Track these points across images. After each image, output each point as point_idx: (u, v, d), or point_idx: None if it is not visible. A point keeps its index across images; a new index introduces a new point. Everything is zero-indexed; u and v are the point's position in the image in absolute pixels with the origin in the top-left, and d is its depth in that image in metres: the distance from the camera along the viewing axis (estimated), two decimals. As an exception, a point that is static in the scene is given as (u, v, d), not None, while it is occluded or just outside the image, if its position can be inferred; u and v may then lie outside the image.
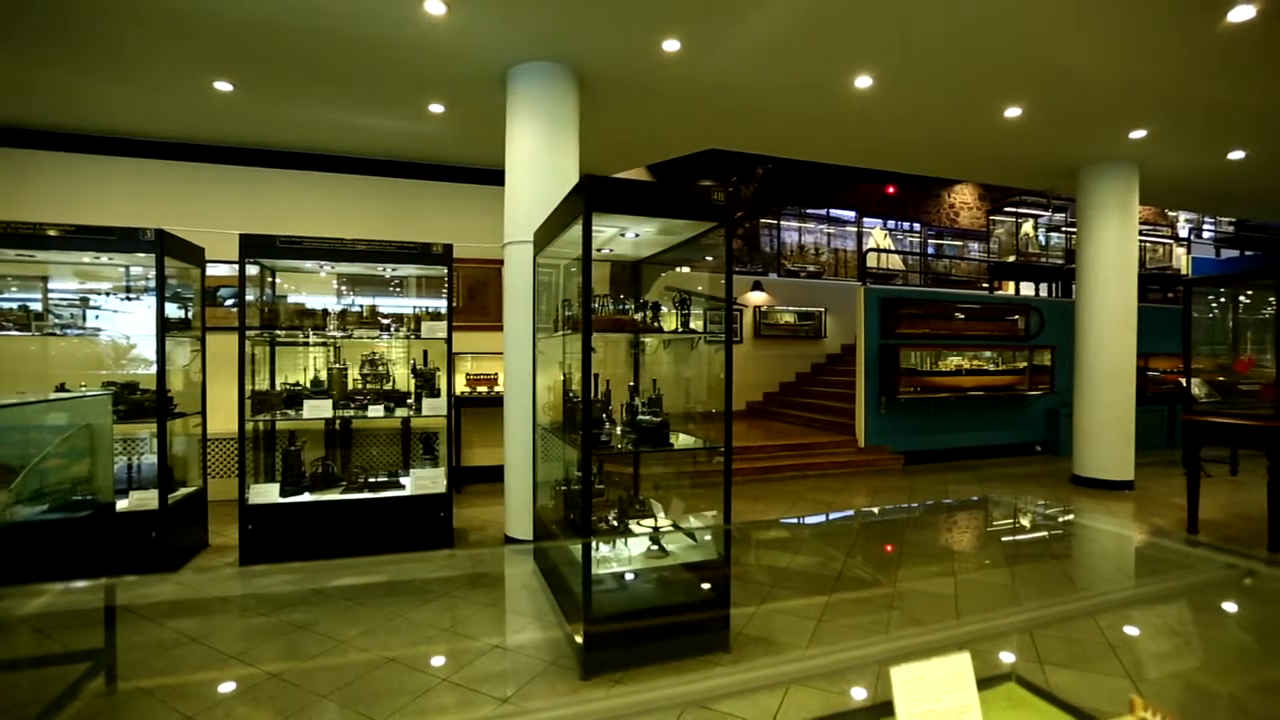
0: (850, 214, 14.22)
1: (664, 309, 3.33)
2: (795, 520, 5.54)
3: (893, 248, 14.30)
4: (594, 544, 2.92)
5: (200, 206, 6.03)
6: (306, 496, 4.20)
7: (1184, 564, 1.48)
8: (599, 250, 3.70)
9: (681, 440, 3.09)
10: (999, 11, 3.95)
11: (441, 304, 4.63)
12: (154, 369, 3.91)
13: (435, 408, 4.38)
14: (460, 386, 6.52)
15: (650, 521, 3.17)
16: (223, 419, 5.26)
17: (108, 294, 4.31)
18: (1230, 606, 1.47)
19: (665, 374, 3.70)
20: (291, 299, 4.88)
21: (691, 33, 4.16)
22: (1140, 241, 10.75)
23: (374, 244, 4.35)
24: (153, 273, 3.89)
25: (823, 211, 13.98)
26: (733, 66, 4.67)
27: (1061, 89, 5.08)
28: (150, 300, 3.95)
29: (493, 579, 3.87)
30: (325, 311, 4.44)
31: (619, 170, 7.60)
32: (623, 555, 2.97)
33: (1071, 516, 4.17)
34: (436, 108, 5.29)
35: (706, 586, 2.92)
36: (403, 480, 4.51)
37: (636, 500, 3.38)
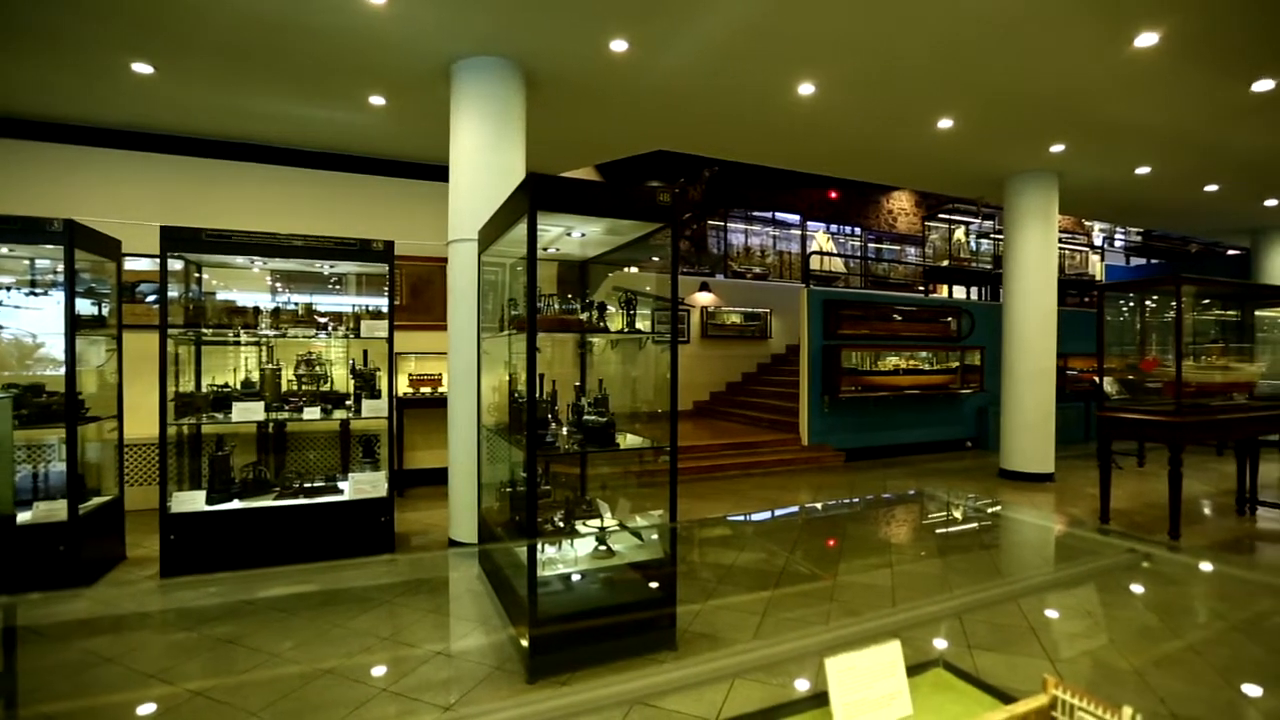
0: (795, 217, 14.57)
1: (611, 309, 3.33)
2: (741, 518, 5.64)
3: (835, 251, 14.74)
4: (540, 545, 2.89)
5: (118, 196, 5.65)
6: (236, 504, 3.99)
7: (1093, 551, 1.59)
8: (545, 249, 3.66)
9: (628, 440, 3.10)
10: (932, 30, 4.13)
11: (383, 302, 4.49)
12: (63, 370, 3.64)
13: (376, 409, 4.25)
14: (403, 387, 6.35)
15: (597, 522, 3.17)
16: (143, 423, 4.95)
17: (9, 289, 3.98)
18: (1133, 588, 1.59)
19: (613, 374, 3.70)
20: (221, 296, 4.64)
21: (639, 34, 4.18)
22: (1060, 249, 11.44)
23: (310, 239, 4.18)
24: (62, 266, 3.62)
25: (768, 214, 14.28)
26: (680, 69, 4.71)
27: (989, 103, 5.36)
28: (59, 295, 3.67)
29: (436, 584, 3.78)
30: (257, 309, 4.24)
31: (567, 169, 7.56)
32: (569, 556, 2.95)
33: (998, 508, 4.40)
34: (377, 100, 5.13)
35: (653, 585, 2.94)
36: (341, 485, 4.35)
37: (583, 501, 3.36)
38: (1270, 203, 8.71)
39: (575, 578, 2.93)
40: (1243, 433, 5.14)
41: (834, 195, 14.87)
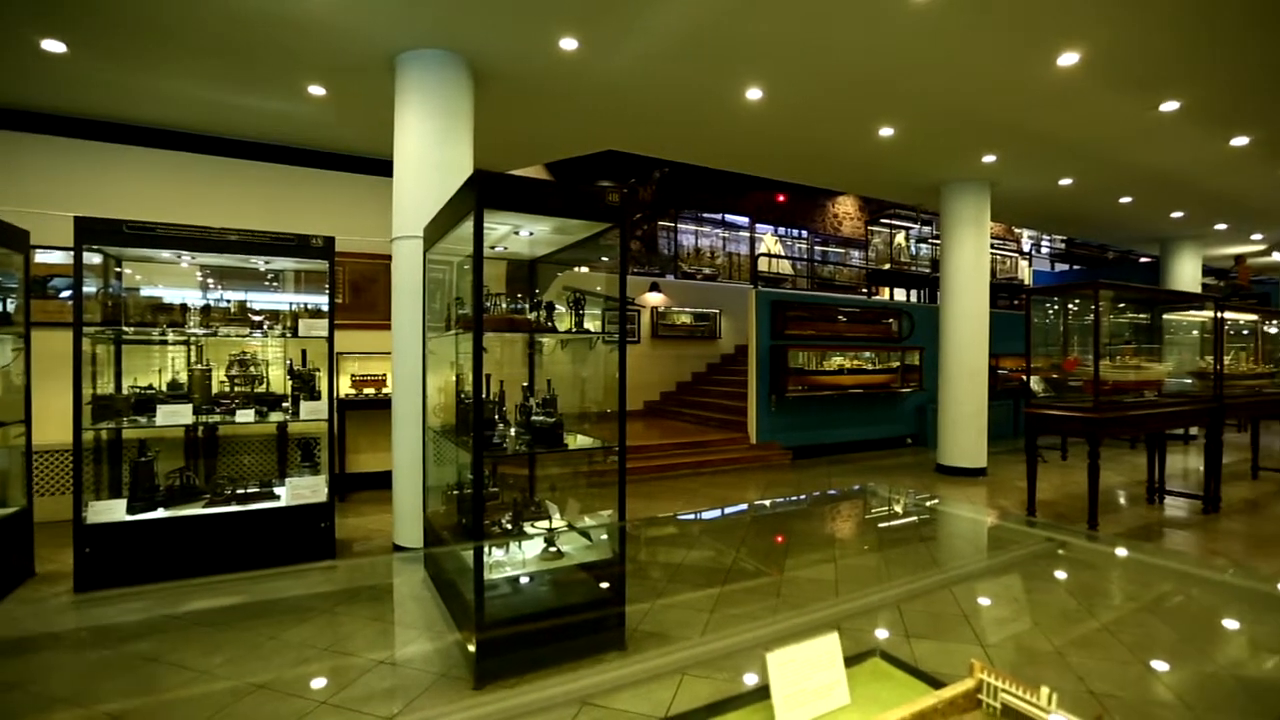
0: (744, 219, 14.82)
1: (560, 309, 3.31)
2: (690, 516, 5.69)
3: (783, 253, 15.06)
4: (487, 548, 2.85)
5: (27, 184, 5.26)
6: (160, 513, 3.77)
7: (1017, 541, 1.68)
8: (492, 248, 3.61)
9: (578, 441, 3.09)
10: (872, 41, 4.27)
11: (323, 300, 4.33)
12: (-37, 371, 3.36)
13: (315, 411, 4.09)
14: (344, 388, 6.14)
15: (545, 523, 3.14)
16: (55, 428, 4.62)
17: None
18: (1054, 574, 1.70)
19: (563, 374, 3.67)
20: (146, 292, 4.37)
21: (589, 33, 4.17)
22: (992, 254, 12.03)
23: (245, 234, 3.99)
24: (-39, 259, 3.35)
25: (718, 216, 14.48)
26: (631, 70, 4.73)
27: (926, 114, 5.58)
28: (-42, 291, 3.39)
29: (379, 591, 3.66)
30: (185, 306, 4.02)
31: (517, 167, 7.47)
32: (517, 558, 2.92)
33: (936, 502, 4.59)
34: (317, 90, 4.94)
35: (602, 586, 2.94)
36: (278, 490, 4.17)
37: (532, 502, 3.33)
38: (1176, 214, 9.39)
39: (523, 580, 2.90)
40: (1153, 427, 5.53)
41: (782, 199, 15.20)
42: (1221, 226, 10.18)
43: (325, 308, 4.19)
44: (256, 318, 4.16)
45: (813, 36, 4.26)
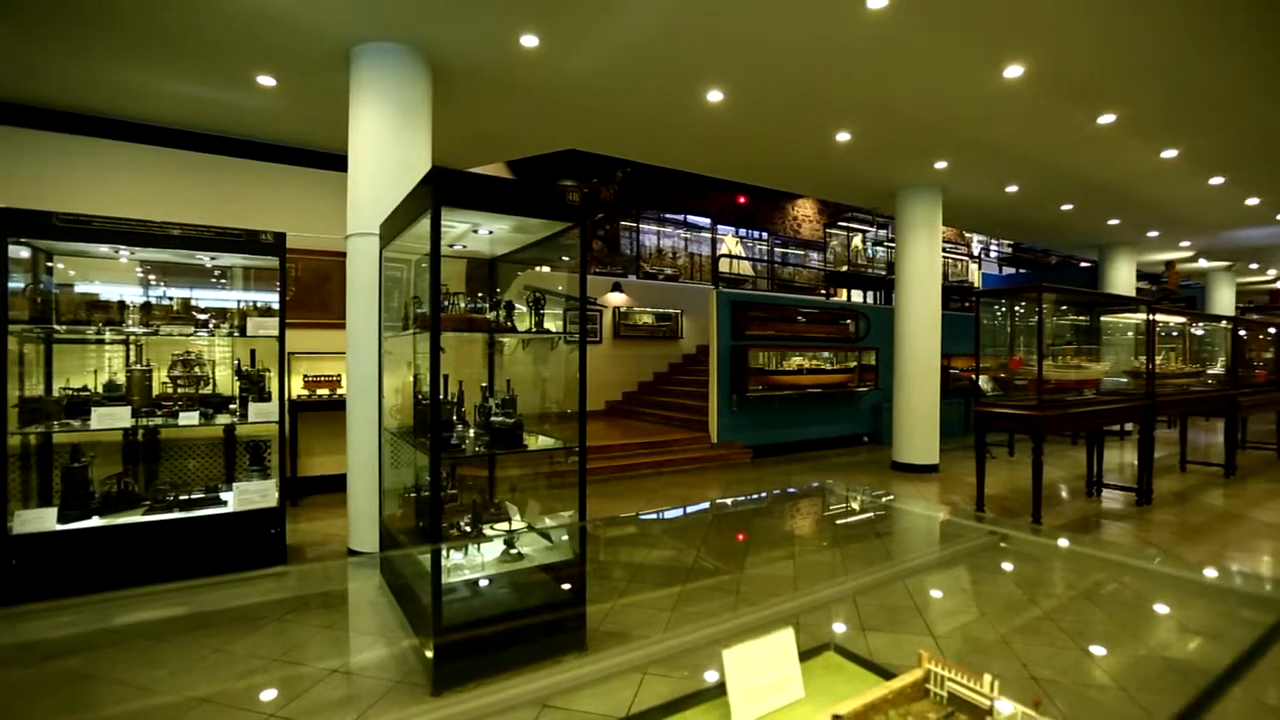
0: (706, 220, 14.95)
1: (521, 308, 3.28)
2: (653, 515, 5.71)
3: (744, 254, 15.25)
4: (445, 551, 2.80)
5: (-54, 173, 4.94)
6: (95, 521, 3.59)
7: (964, 535, 1.75)
8: (451, 246, 3.55)
9: (539, 441, 3.06)
10: (830, 48, 4.36)
11: (273, 298, 4.19)
12: (-127, 372, 3.13)
13: (265, 413, 3.95)
14: (297, 389, 5.95)
15: (505, 525, 3.11)
16: (-21, 432, 4.34)
17: None
18: (1000, 566, 1.77)
19: (524, 374, 3.64)
20: (82, 288, 4.15)
21: (550, 30, 4.14)
22: (944, 257, 12.44)
23: (188, 228, 3.82)
24: None
25: (680, 217, 14.57)
26: (593, 69, 4.71)
27: (881, 120, 5.73)
28: None
29: (333, 597, 3.56)
30: (123, 304, 3.83)
31: (477, 164, 7.37)
32: (476, 561, 2.88)
33: (890, 498, 4.71)
34: (266, 80, 4.78)
35: (563, 587, 2.92)
36: (224, 495, 4.01)
37: (491, 504, 3.29)
38: (1113, 222, 9.88)
39: (482, 583, 2.86)
40: (1092, 424, 5.80)
41: (743, 200, 15.39)
42: (1154, 234, 10.75)
43: (276, 306, 4.05)
44: (202, 316, 3.99)
45: (772, 41, 4.32)
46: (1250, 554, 4.45)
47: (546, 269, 3.95)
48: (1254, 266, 14.33)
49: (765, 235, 15.93)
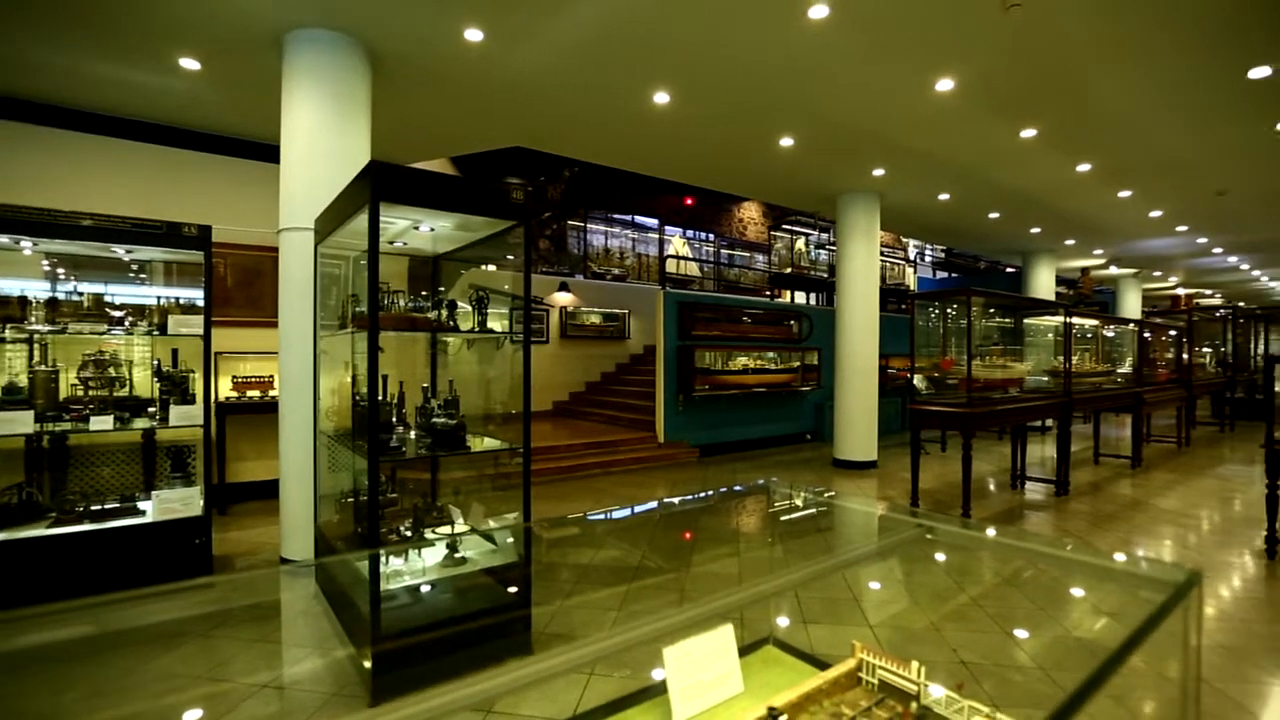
0: (653, 221, 15.03)
1: (466, 308, 3.21)
2: (600, 515, 5.70)
3: (690, 255, 15.41)
4: (384, 556, 2.72)
5: None
6: (-5, 534, 3.31)
7: (900, 528, 1.82)
8: (391, 243, 3.45)
9: (478, 442, 3.01)
10: (774, 54, 4.46)
11: (198, 295, 3.96)
12: None
13: (188, 416, 3.74)
14: (225, 391, 5.65)
15: (448, 528, 3.04)
16: None
17: None
18: (928, 558, 1.86)
19: (469, 375, 3.57)
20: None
21: (495, 25, 4.08)
22: (882, 261, 12.91)
23: (102, 219, 3.57)
24: None
25: (628, 217, 14.59)
26: (539, 66, 4.67)
27: (822, 126, 5.91)
28: None
29: (263, 608, 3.39)
30: (24, 299, 3.55)
31: (420, 160, 7.18)
32: (417, 566, 2.80)
33: (831, 495, 4.86)
34: (190, 64, 4.52)
35: (507, 589, 2.88)
36: (142, 505, 3.77)
37: (434, 507, 3.21)
38: (1035, 230, 10.49)
39: (424, 588, 2.79)
40: (1016, 420, 6.14)
41: (690, 202, 15.55)
42: (1071, 242, 11.47)
43: (201, 303, 3.83)
44: (117, 313, 3.74)
45: (718, 45, 4.39)
46: (1153, 538, 4.82)
47: (492, 268, 3.89)
48: (1157, 274, 15.50)
49: (712, 237, 16.14)
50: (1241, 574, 4.01)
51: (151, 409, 3.83)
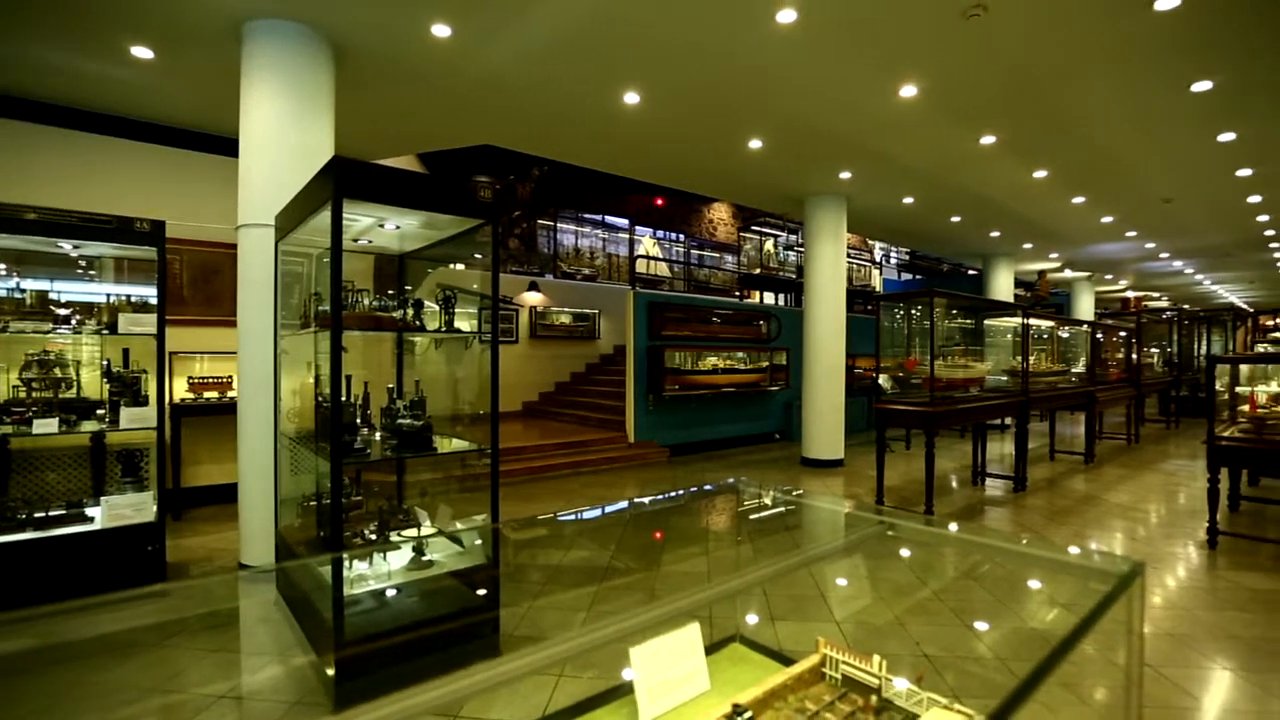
0: (624, 221, 15.03)
1: (432, 307, 3.17)
2: (571, 516, 5.68)
3: (660, 256, 15.46)
4: (347, 560, 2.66)
5: None
6: (-71, 543, 3.14)
7: (866, 526, 1.87)
8: (355, 241, 3.38)
9: (446, 443, 2.97)
10: (743, 57, 4.50)
11: (151, 292, 3.82)
12: None
13: (140, 419, 3.61)
14: (181, 392, 5.47)
15: (414, 531, 2.99)
16: None
17: None
18: (893, 554, 1.91)
19: (437, 375, 3.52)
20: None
21: (463, 21, 4.03)
22: (849, 262, 13.14)
23: (47, 212, 3.43)
24: None
25: (598, 217, 14.57)
26: (508, 63, 4.63)
27: (790, 129, 5.98)
28: None
29: (222, 616, 3.29)
30: (-38, 297, 3.38)
31: (386, 156, 7.05)
32: (382, 570, 2.75)
33: (799, 493, 4.93)
34: (142, 52, 4.35)
35: (475, 592, 2.85)
36: (91, 511, 3.62)
37: (400, 510, 3.16)
38: (995, 234, 10.80)
39: (389, 593, 2.74)
40: (977, 419, 6.31)
41: (660, 202, 15.60)
42: (1028, 245, 11.85)
43: (154, 301, 3.70)
44: (63, 311, 3.59)
45: (688, 47, 4.41)
46: (1105, 531, 5.00)
47: (460, 266, 3.84)
48: (1109, 277, 16.11)
49: (682, 237, 16.22)
50: (1186, 564, 4.20)
51: (101, 411, 3.69)
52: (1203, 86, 4.96)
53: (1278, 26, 4.07)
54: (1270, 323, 9.81)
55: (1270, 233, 10.63)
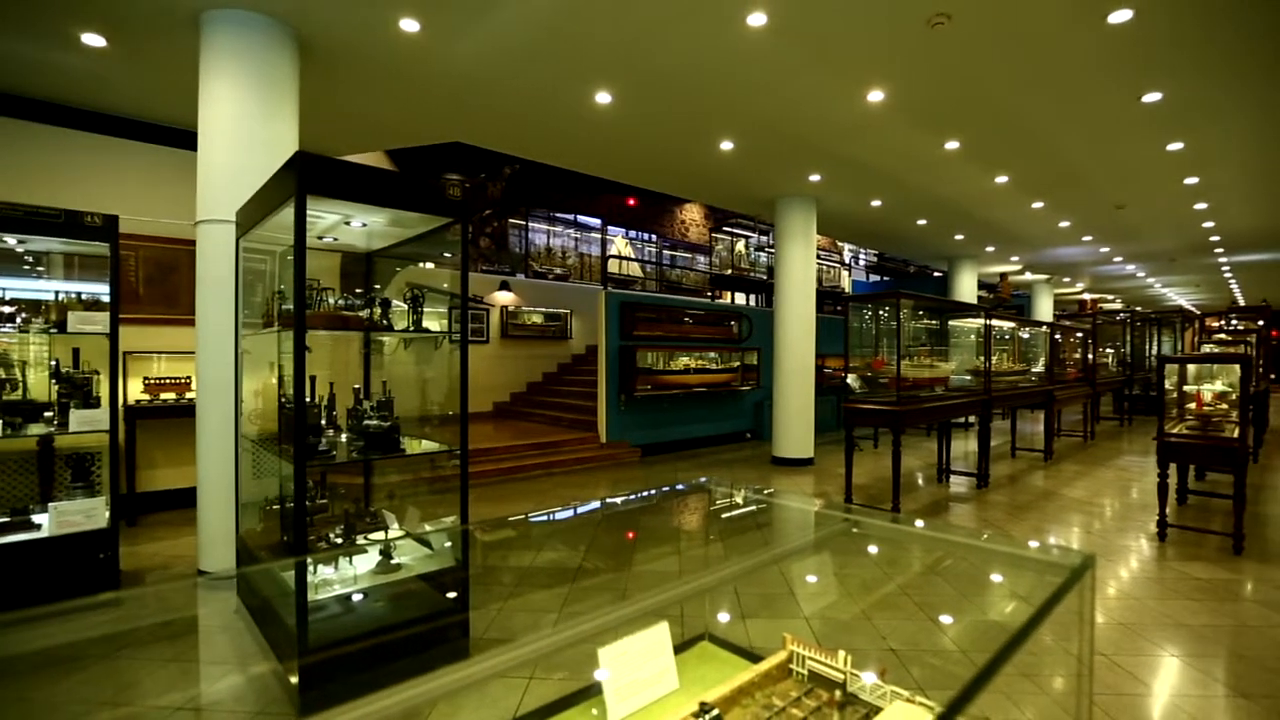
0: (596, 221, 15.00)
1: (400, 305, 3.11)
2: (544, 517, 5.64)
3: (633, 256, 15.46)
4: (312, 564, 2.60)
5: None
6: None
7: (834, 523, 1.90)
8: (320, 238, 3.31)
9: (415, 445, 2.93)
10: (713, 59, 4.53)
11: (103, 290, 3.69)
12: None
13: (91, 421, 3.47)
14: (136, 393, 5.28)
15: (382, 534, 2.94)
16: None
17: None
18: (861, 551, 1.95)
19: (406, 376, 3.46)
20: None
21: (431, 16, 3.98)
22: (819, 264, 13.32)
23: (-11, 206, 3.27)
24: None
25: (571, 216, 14.51)
26: (479, 59, 4.58)
27: (761, 132, 6.04)
28: None
29: (179, 625, 3.18)
30: (-103, 294, 3.21)
31: (353, 152, 6.91)
32: (348, 574, 2.70)
33: (770, 492, 4.98)
34: (94, 40, 4.19)
35: (444, 594, 2.81)
36: (37, 518, 3.47)
37: (367, 513, 3.10)
38: (959, 237, 11.07)
39: (356, 597, 2.69)
40: (942, 417, 6.46)
41: (633, 203, 15.60)
42: (991, 248, 12.18)
43: (106, 298, 3.57)
44: (7, 309, 3.44)
45: (659, 48, 4.42)
46: (1063, 525, 5.17)
47: (430, 265, 3.79)
48: (1066, 280, 16.66)
49: (654, 237, 16.25)
50: (1138, 556, 4.36)
51: (49, 413, 3.54)
52: (1153, 98, 5.16)
53: (1223, 42, 4.26)
54: (1215, 324, 10.26)
55: (1215, 238, 11.12)
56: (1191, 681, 2.68)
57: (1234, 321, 10.37)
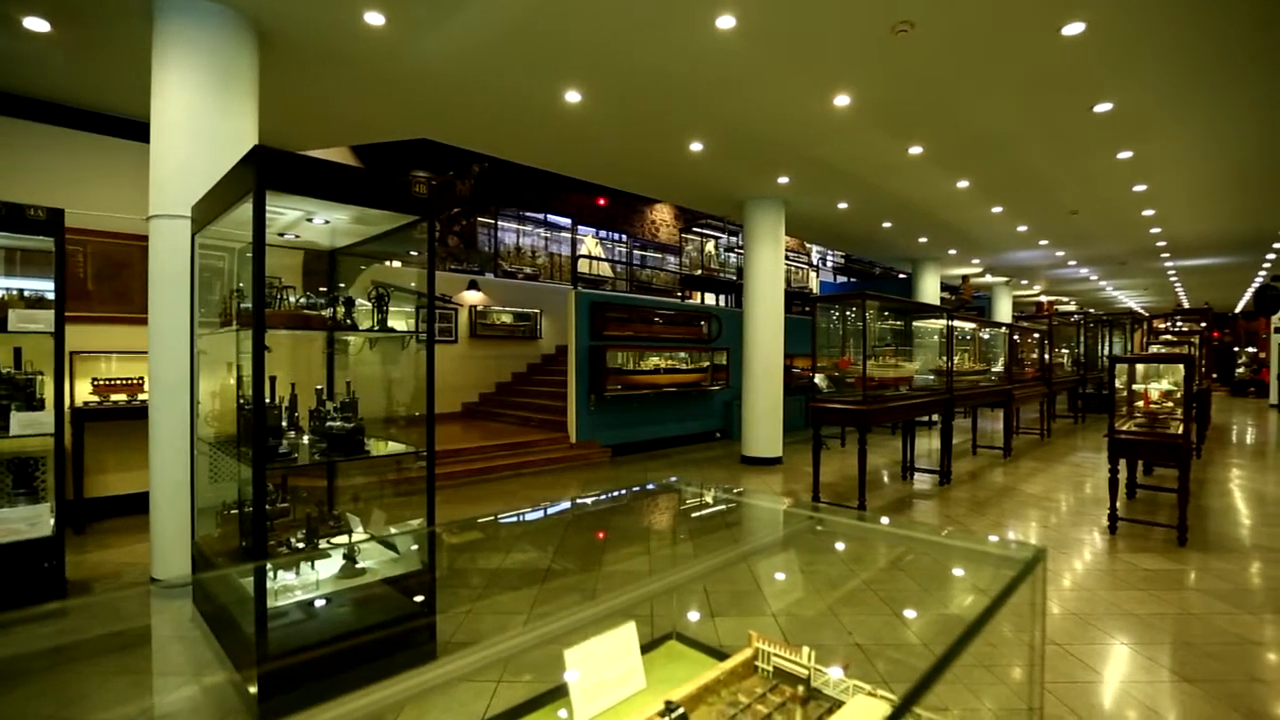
0: (566, 220, 14.93)
1: (365, 304, 3.05)
2: (514, 518, 5.59)
3: (603, 256, 15.43)
4: (271, 570, 2.53)
5: None
6: None
7: (801, 521, 1.93)
8: (281, 235, 3.23)
9: (381, 446, 2.87)
10: (683, 60, 4.56)
11: (48, 286, 3.53)
12: None
13: (35, 424, 3.32)
14: (84, 395, 5.07)
15: (346, 537, 2.88)
16: None
17: None
18: (828, 548, 1.99)
19: (372, 376, 3.40)
20: None
21: (396, 10, 3.91)
22: (787, 265, 13.48)
23: (-78, 198, 3.10)
24: None
25: (541, 216, 14.42)
26: (446, 57, 4.52)
27: (730, 133, 6.10)
28: None
29: (131, 635, 3.06)
30: None
31: (316, 147, 6.76)
32: (310, 579, 2.64)
33: (739, 491, 5.02)
34: (36, 24, 4.01)
35: (410, 598, 2.77)
36: (-23, 525, 3.31)
37: (330, 516, 3.03)
38: (922, 239, 11.34)
39: (318, 602, 2.63)
40: (906, 416, 6.61)
41: (603, 202, 15.58)
42: (953, 251, 12.50)
43: (51, 296, 3.42)
44: (-57, 307, 3.26)
45: (629, 48, 4.42)
46: (1020, 520, 5.34)
47: (397, 264, 3.72)
48: (1025, 282, 17.19)
49: (625, 238, 16.25)
50: (1090, 548, 4.53)
51: (-11, 416, 3.37)
52: (1104, 108, 5.36)
53: (1168, 55, 4.45)
54: (1162, 325, 10.72)
55: (1162, 243, 11.61)
56: (1140, 668, 2.79)
57: (1179, 323, 10.84)
